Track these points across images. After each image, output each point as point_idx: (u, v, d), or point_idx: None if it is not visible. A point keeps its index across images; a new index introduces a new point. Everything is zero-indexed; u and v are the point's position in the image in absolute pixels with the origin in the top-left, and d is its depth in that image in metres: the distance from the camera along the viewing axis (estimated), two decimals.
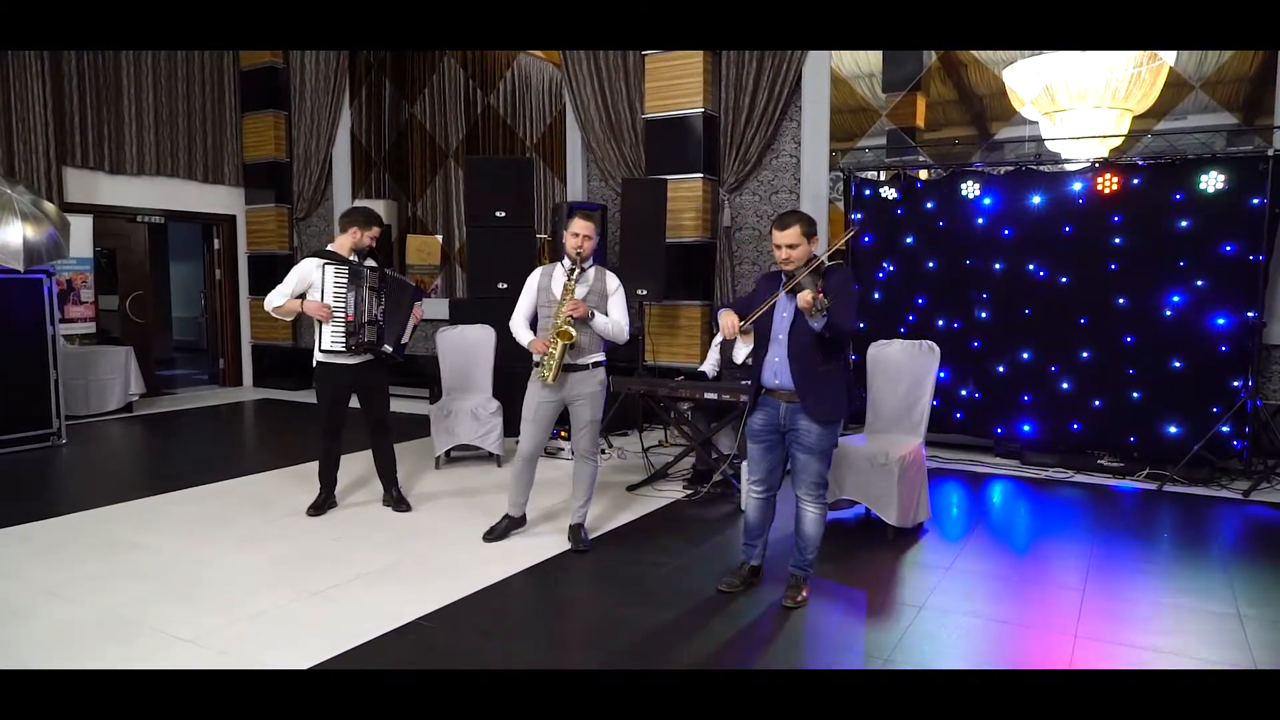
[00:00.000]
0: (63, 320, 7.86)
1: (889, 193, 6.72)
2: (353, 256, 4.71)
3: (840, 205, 7.00)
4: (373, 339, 4.69)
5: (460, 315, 7.08)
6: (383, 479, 5.10)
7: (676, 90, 7.50)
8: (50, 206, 7.08)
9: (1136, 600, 3.74)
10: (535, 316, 4.36)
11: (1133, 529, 4.80)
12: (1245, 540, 4.69)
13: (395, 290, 4.82)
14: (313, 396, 4.96)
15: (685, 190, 7.52)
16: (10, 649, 3.21)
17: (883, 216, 6.75)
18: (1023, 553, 4.46)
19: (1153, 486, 5.63)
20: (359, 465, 5.70)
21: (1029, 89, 6.55)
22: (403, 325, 4.84)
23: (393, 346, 4.79)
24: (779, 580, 3.79)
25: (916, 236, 6.61)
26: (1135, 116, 6.29)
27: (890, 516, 4.44)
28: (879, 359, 5.00)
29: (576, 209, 4.30)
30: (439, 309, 9.06)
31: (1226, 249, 5.55)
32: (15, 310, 6.75)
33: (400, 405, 8.55)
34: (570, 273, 4.21)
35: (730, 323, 3.54)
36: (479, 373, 6.30)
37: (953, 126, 7.07)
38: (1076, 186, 5.96)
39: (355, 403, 4.87)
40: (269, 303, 4.68)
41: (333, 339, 4.63)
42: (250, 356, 10.81)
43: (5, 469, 6.19)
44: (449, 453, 6.21)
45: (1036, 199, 6.08)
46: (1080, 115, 6.32)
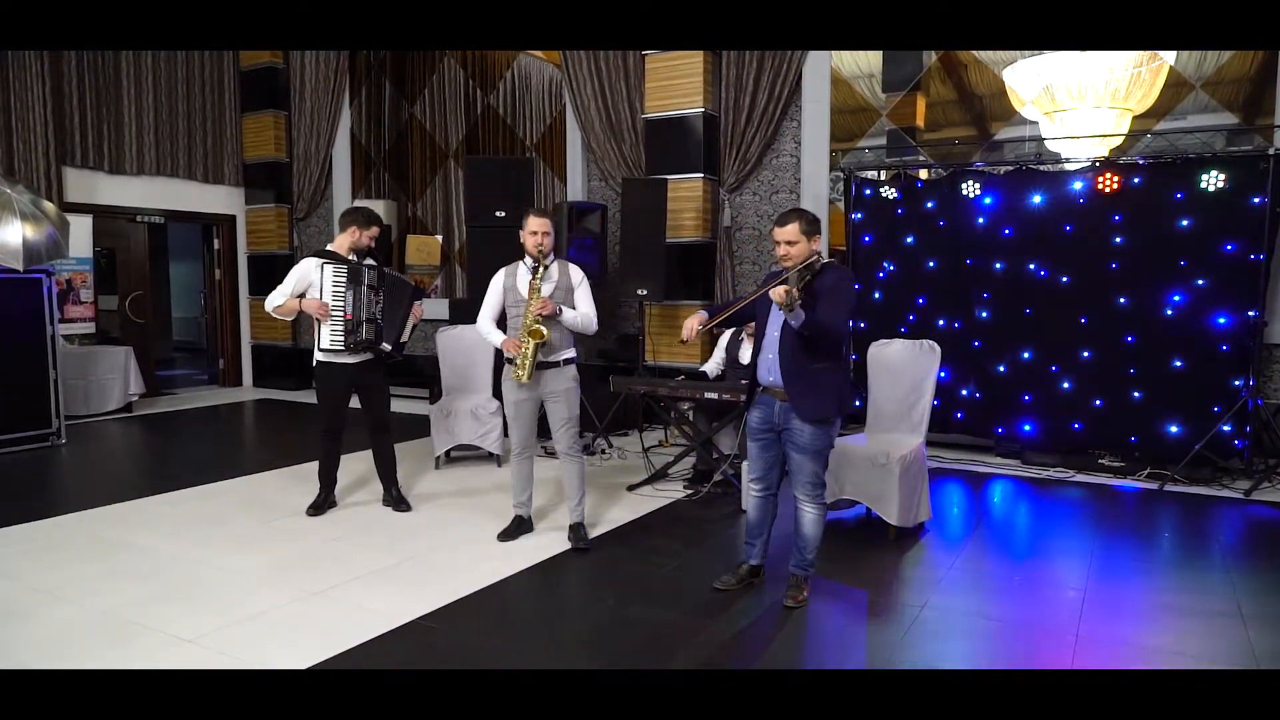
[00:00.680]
0: (62, 320, 7.86)
1: (889, 193, 6.71)
2: (352, 256, 4.71)
3: (841, 205, 7.00)
4: (370, 337, 4.68)
5: (460, 315, 7.08)
6: (383, 479, 5.09)
7: (676, 90, 7.50)
8: (50, 206, 7.08)
9: (1137, 600, 3.74)
10: (503, 316, 4.40)
11: (1134, 529, 4.80)
12: (1246, 540, 4.68)
13: (394, 289, 4.82)
14: (312, 397, 4.96)
15: (685, 190, 7.51)
16: (9, 649, 3.20)
17: (883, 216, 6.75)
18: (1024, 553, 4.45)
19: (1154, 486, 5.62)
20: (359, 465, 5.70)
21: (1029, 89, 6.55)
22: (402, 323, 4.84)
23: (391, 345, 4.79)
24: (779, 580, 3.78)
25: (917, 236, 6.61)
26: (1135, 116, 6.29)
27: (891, 516, 4.44)
28: (880, 359, 5.00)
29: (531, 209, 4.29)
30: (439, 309, 9.06)
31: (1227, 248, 5.55)
32: (15, 310, 6.74)
33: (400, 405, 8.55)
34: (534, 271, 4.21)
35: (690, 325, 3.60)
36: (479, 373, 6.30)
37: (953, 127, 7.07)
38: (1077, 186, 5.96)
39: (356, 403, 4.87)
40: (269, 303, 4.69)
41: (331, 338, 4.63)
42: (250, 357, 10.81)
43: (4, 469, 6.18)
44: (449, 453, 6.21)
45: (1037, 199, 6.08)
46: (1080, 115, 6.32)
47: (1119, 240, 5.85)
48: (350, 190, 10.16)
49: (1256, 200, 5.44)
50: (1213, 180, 5.54)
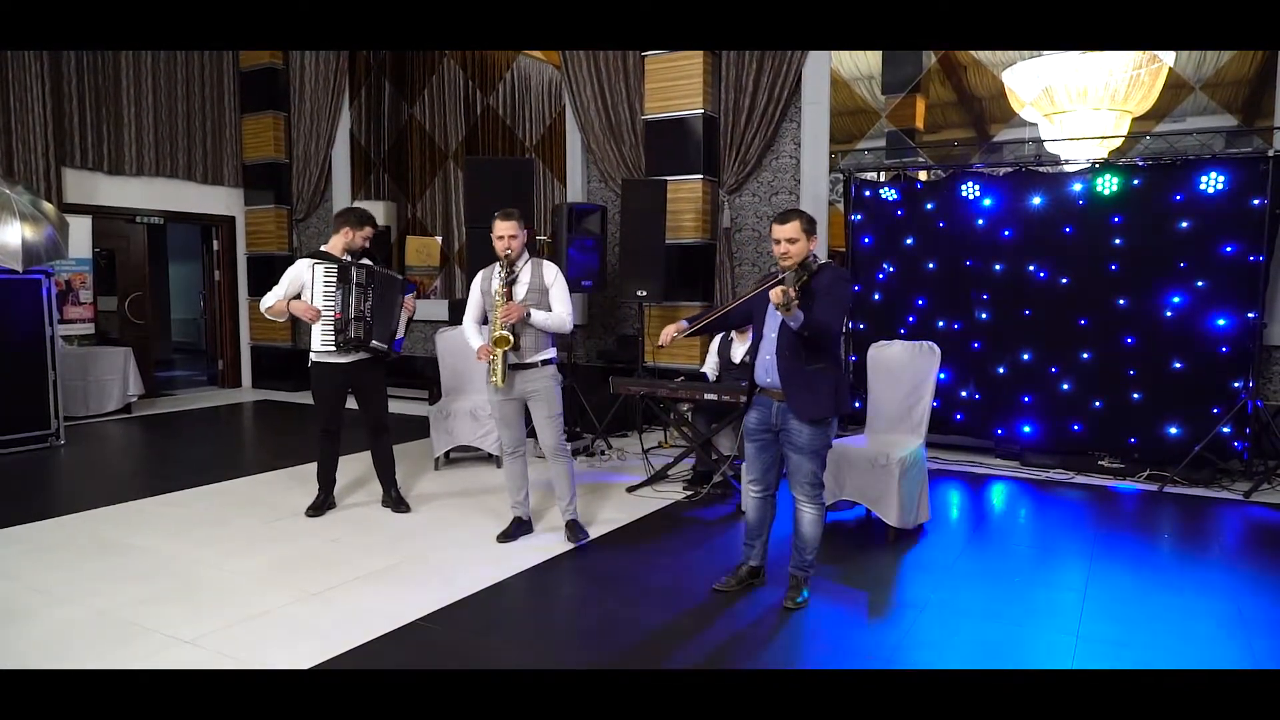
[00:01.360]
0: (61, 321, 7.85)
1: (889, 194, 6.72)
2: (346, 256, 4.72)
3: (840, 206, 7.00)
4: (360, 336, 4.67)
5: (459, 316, 7.00)
6: (381, 480, 5.09)
7: (676, 91, 7.50)
8: (49, 207, 7.08)
9: (1137, 600, 3.74)
10: (485, 319, 4.40)
11: (1133, 530, 4.80)
12: (1246, 541, 4.69)
13: (382, 285, 4.79)
14: (312, 398, 4.96)
15: (685, 191, 7.52)
16: (9, 649, 3.20)
17: (883, 218, 6.75)
18: (1023, 554, 4.45)
19: (1153, 488, 5.62)
20: (358, 466, 5.69)
21: (1028, 90, 6.56)
22: (391, 320, 4.81)
23: (384, 342, 4.77)
24: (779, 581, 3.78)
25: (916, 237, 6.61)
26: (1135, 118, 6.30)
27: (890, 517, 4.44)
28: (879, 360, 5.00)
29: (498, 211, 4.25)
30: (438, 310, 9.06)
31: (1227, 250, 5.56)
32: (14, 311, 6.74)
33: (399, 406, 8.55)
34: (504, 276, 4.19)
35: (667, 331, 3.69)
36: (478, 374, 6.28)
37: (952, 128, 7.07)
38: (1076, 188, 5.96)
39: (355, 404, 4.87)
40: (263, 304, 4.73)
41: (322, 338, 4.64)
42: (249, 358, 10.80)
43: (3, 470, 6.18)
44: (448, 454, 6.20)
45: (1036, 200, 6.08)
46: (1079, 117, 6.33)
47: (1118, 242, 5.86)
48: (350, 191, 10.16)
49: (1256, 202, 5.44)
50: (1212, 182, 5.54)
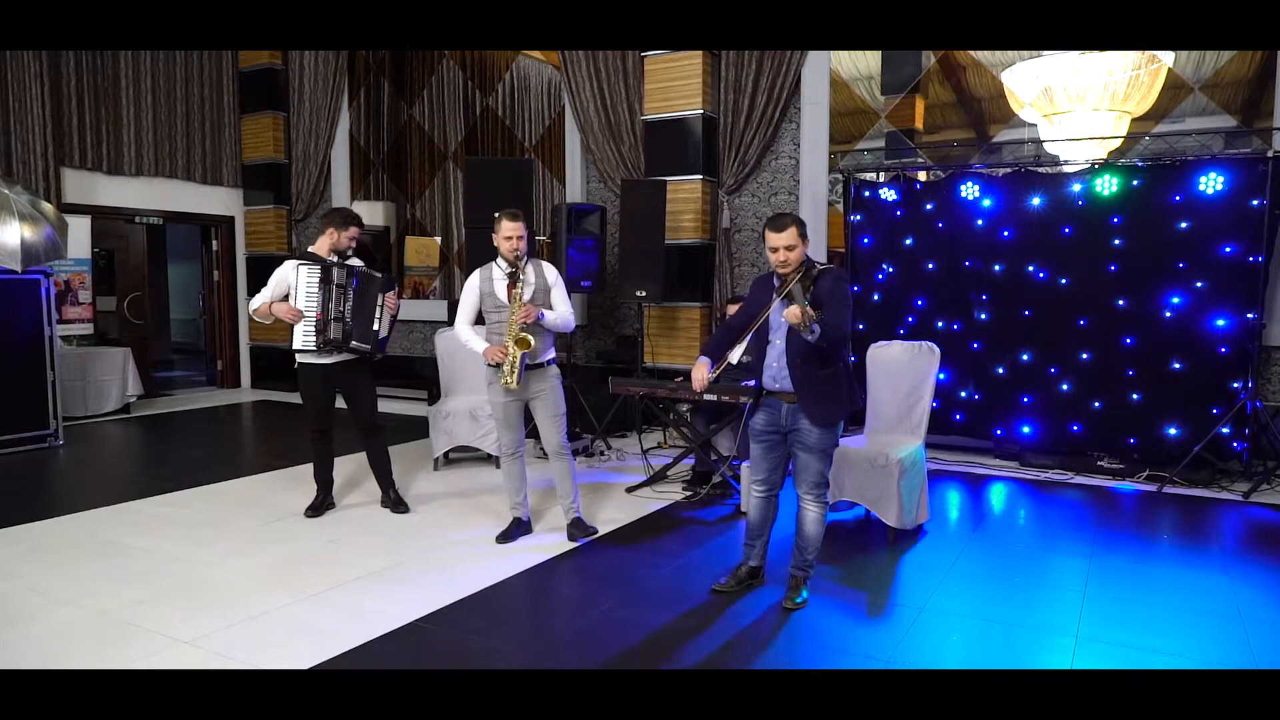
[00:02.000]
0: (60, 321, 7.85)
1: (888, 194, 6.72)
2: (333, 257, 4.72)
3: (839, 207, 7.00)
4: (338, 336, 4.66)
5: None
6: (379, 481, 5.08)
7: (675, 92, 7.50)
8: (48, 207, 7.07)
9: (1136, 601, 3.74)
10: (480, 320, 4.40)
11: (1133, 530, 4.80)
12: (1245, 541, 4.69)
13: (362, 284, 4.76)
14: (300, 399, 4.95)
15: (684, 192, 7.52)
16: (9, 649, 3.20)
17: (882, 218, 6.75)
18: (1023, 554, 4.45)
19: (1153, 488, 5.62)
20: (356, 467, 5.69)
21: (1028, 91, 6.57)
22: (371, 318, 4.73)
23: (366, 343, 4.72)
24: (779, 581, 3.78)
25: (916, 238, 6.61)
26: (1134, 119, 6.31)
27: (890, 518, 4.44)
28: (879, 360, 5.00)
29: (503, 210, 4.24)
30: (438, 310, 9.06)
31: (1226, 250, 5.56)
32: (13, 311, 6.73)
33: (398, 407, 8.56)
34: (512, 277, 4.20)
35: (698, 377, 3.66)
36: (477, 374, 6.28)
37: (951, 129, 7.08)
38: (1076, 188, 5.96)
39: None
40: (250, 307, 4.76)
41: (304, 338, 4.65)
42: (248, 358, 10.79)
43: (3, 470, 6.17)
44: (447, 454, 6.20)
45: (1036, 200, 6.08)
46: (1079, 117, 6.33)
47: (1118, 242, 5.86)
48: (349, 191, 10.15)
49: (1255, 202, 5.45)
50: (1211, 182, 5.55)
